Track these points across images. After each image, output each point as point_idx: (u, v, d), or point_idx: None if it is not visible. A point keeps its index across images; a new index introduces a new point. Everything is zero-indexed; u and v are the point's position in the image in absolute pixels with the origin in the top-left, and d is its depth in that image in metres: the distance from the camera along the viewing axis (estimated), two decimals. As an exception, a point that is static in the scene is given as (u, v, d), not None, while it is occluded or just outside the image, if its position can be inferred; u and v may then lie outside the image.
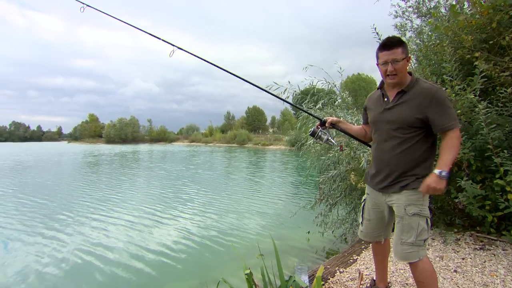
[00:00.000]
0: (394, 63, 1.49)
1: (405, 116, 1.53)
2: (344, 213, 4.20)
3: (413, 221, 1.52)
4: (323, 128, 1.95)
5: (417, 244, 1.51)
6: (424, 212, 1.53)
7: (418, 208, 1.52)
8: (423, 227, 1.52)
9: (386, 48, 1.52)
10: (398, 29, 4.87)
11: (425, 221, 1.52)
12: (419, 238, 1.51)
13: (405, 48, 1.51)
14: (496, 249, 2.61)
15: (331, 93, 4.47)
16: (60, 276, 3.77)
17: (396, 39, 1.53)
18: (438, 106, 1.46)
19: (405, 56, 1.50)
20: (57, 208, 7.13)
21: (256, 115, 65.89)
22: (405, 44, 1.52)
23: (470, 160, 2.61)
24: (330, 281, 2.35)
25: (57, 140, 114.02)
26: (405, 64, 1.51)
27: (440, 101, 1.46)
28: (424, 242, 1.53)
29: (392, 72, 1.51)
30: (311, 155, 4.72)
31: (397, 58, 1.48)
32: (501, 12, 2.75)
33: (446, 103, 1.46)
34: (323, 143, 1.96)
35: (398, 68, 1.50)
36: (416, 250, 1.52)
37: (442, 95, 1.47)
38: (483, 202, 2.65)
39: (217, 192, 9.24)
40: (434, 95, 1.47)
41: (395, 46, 1.49)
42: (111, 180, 11.86)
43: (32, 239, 5.08)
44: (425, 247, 1.55)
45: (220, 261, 4.15)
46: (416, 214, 1.52)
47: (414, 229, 1.52)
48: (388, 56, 1.50)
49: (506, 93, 2.55)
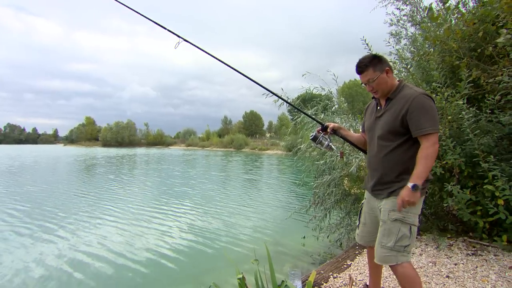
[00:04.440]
0: (370, 83, 1.60)
1: (388, 123, 1.57)
2: (339, 218, 4.22)
3: (393, 226, 1.54)
4: (324, 133, 1.95)
5: (395, 249, 1.53)
6: (408, 220, 1.53)
7: (401, 215, 1.53)
8: (404, 234, 1.52)
9: (358, 72, 1.63)
10: (394, 36, 4.97)
11: (408, 228, 1.52)
12: (398, 243, 1.52)
13: (377, 65, 1.57)
14: (488, 254, 2.64)
15: (328, 99, 4.51)
16: (52, 280, 3.73)
17: (364, 62, 1.59)
18: (415, 111, 1.47)
19: (379, 73, 1.57)
20: (49, 212, 7.05)
21: (253, 120, 66.03)
22: (375, 61, 1.57)
23: (461, 166, 2.65)
24: (323, 286, 2.35)
25: (52, 142, 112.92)
26: (382, 78, 1.57)
27: (417, 106, 1.47)
28: (404, 248, 1.53)
29: (372, 90, 1.62)
30: (307, 160, 4.74)
31: (370, 79, 1.58)
32: (487, 23, 2.83)
33: (424, 108, 1.46)
34: (323, 148, 1.96)
35: (375, 86, 1.59)
36: (395, 254, 1.53)
37: (420, 100, 1.47)
38: (475, 207, 2.68)
39: (213, 196, 9.21)
40: (413, 101, 1.48)
41: (365, 69, 1.59)
42: (106, 184, 11.78)
43: (24, 241, 5.03)
44: (406, 253, 1.54)
45: (215, 266, 4.14)
46: (398, 220, 1.53)
47: (393, 234, 1.54)
48: (363, 79, 1.62)
49: (494, 100, 2.60)
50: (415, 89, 1.55)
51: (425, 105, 1.47)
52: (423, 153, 1.45)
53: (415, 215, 1.55)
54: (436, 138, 1.46)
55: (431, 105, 1.48)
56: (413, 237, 1.54)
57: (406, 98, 1.51)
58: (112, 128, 70.05)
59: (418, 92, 1.50)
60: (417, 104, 1.47)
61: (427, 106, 1.47)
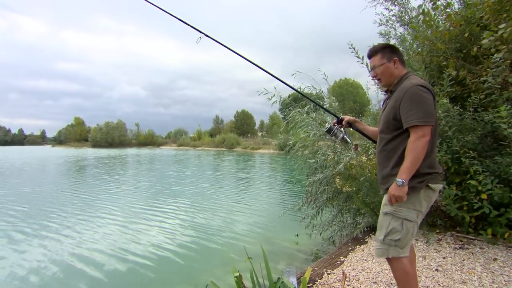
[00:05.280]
0: (375, 68, 1.65)
1: (386, 115, 1.58)
2: (331, 215, 4.29)
3: (384, 220, 1.55)
4: (339, 126, 1.96)
5: (386, 243, 1.52)
6: (399, 214, 1.50)
7: (392, 209, 1.52)
8: (394, 227, 1.50)
9: (368, 57, 1.69)
10: (383, 36, 5.07)
11: (399, 222, 1.50)
12: (388, 237, 1.51)
13: (386, 53, 1.61)
14: (474, 247, 2.74)
15: (319, 98, 4.57)
16: (44, 282, 3.68)
17: (375, 48, 1.65)
18: (406, 102, 1.45)
19: (385, 60, 1.60)
20: (47, 212, 6.93)
21: (245, 119, 65.97)
22: (386, 49, 1.62)
23: (447, 162, 2.74)
24: (318, 282, 2.40)
25: (40, 144, 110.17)
26: (386, 67, 1.60)
27: (409, 98, 1.45)
28: (395, 242, 1.50)
29: (375, 76, 1.66)
30: (299, 159, 4.80)
31: (376, 65, 1.64)
32: (473, 24, 2.93)
33: (415, 100, 1.43)
34: (338, 140, 1.96)
35: (379, 72, 1.63)
36: (386, 248, 1.52)
37: (412, 92, 1.44)
38: (461, 202, 2.78)
39: (207, 195, 9.19)
40: (406, 92, 1.46)
41: (373, 54, 1.65)
42: (101, 184, 11.63)
43: (21, 240, 4.98)
44: (398, 247, 1.51)
45: (209, 265, 4.14)
46: (388, 214, 1.53)
47: (384, 227, 1.54)
48: (371, 63, 1.68)
49: (477, 99, 2.70)
50: (414, 80, 1.51)
51: (416, 96, 1.43)
52: (409, 147, 1.42)
53: (410, 210, 1.50)
54: (425, 131, 1.40)
55: (424, 96, 1.43)
56: (406, 231, 1.49)
57: (403, 90, 1.49)
58: (102, 129, 68.82)
59: (413, 84, 1.47)
60: (409, 95, 1.45)
61: (418, 97, 1.43)
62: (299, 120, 4.30)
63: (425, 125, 1.40)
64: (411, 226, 1.50)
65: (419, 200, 1.50)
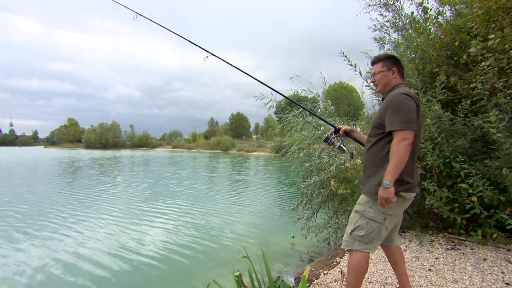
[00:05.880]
0: (374, 75, 1.79)
1: (374, 121, 1.71)
2: (327, 217, 4.36)
3: (353, 216, 1.68)
4: (336, 135, 2.08)
5: (352, 237, 1.64)
6: (367, 214, 1.62)
7: (361, 207, 1.65)
8: (360, 225, 1.62)
9: (371, 64, 1.84)
10: (377, 42, 5.19)
11: (366, 221, 1.61)
12: (354, 232, 1.64)
13: (387, 63, 1.75)
14: (465, 248, 2.84)
15: (315, 102, 4.65)
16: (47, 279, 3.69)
17: (379, 56, 1.81)
18: (390, 109, 1.56)
19: (385, 69, 1.74)
20: (39, 214, 6.88)
21: (240, 122, 65.99)
22: (388, 59, 1.76)
23: (440, 166, 2.83)
24: (315, 282, 2.45)
25: (32, 144, 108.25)
26: (385, 75, 1.74)
27: (393, 104, 1.56)
28: (360, 237, 1.61)
29: (374, 82, 1.80)
30: (295, 162, 4.87)
31: (375, 71, 1.77)
32: (463, 33, 3.05)
33: (399, 107, 1.54)
34: (335, 149, 2.09)
35: (377, 79, 1.77)
36: (351, 241, 1.65)
37: (397, 100, 1.56)
38: (453, 205, 2.87)
39: (203, 197, 9.21)
40: (391, 100, 1.58)
41: (376, 62, 1.80)
42: (99, 185, 11.61)
43: (22, 241, 5.05)
44: (362, 243, 1.62)
45: (208, 265, 4.18)
46: (357, 212, 1.67)
47: (352, 223, 1.67)
48: (372, 70, 1.82)
49: (466, 105, 2.81)
50: (401, 90, 1.62)
51: (400, 103, 1.54)
52: (392, 150, 1.51)
53: (379, 212, 1.60)
54: (406, 135, 1.49)
55: (407, 103, 1.54)
56: (370, 230, 1.60)
57: (390, 98, 1.62)
58: (96, 130, 68.09)
59: (399, 92, 1.59)
60: (394, 102, 1.56)
61: (402, 104, 1.54)
62: (295, 123, 4.37)
63: (407, 129, 1.50)
64: (377, 227, 1.61)
65: (389, 206, 1.58)
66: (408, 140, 1.49)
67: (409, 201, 1.67)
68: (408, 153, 1.50)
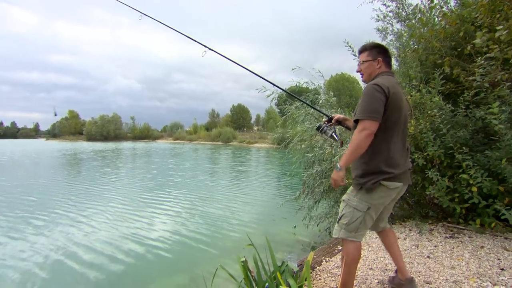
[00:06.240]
0: (360, 64, 1.79)
1: (354, 112, 1.73)
2: (328, 207, 4.43)
3: (341, 205, 1.75)
4: (329, 124, 2.10)
5: (339, 225, 1.70)
6: (351, 203, 1.66)
7: (347, 197, 1.71)
8: (345, 213, 1.67)
9: (358, 53, 1.84)
10: (380, 32, 5.15)
11: (350, 210, 1.66)
12: (341, 220, 1.69)
13: (373, 52, 1.74)
14: (463, 236, 2.91)
15: (317, 93, 4.66)
16: (49, 272, 3.79)
17: (366, 45, 1.79)
18: (360, 99, 1.60)
19: (370, 58, 1.74)
20: (50, 204, 7.10)
21: (241, 113, 65.84)
22: (374, 49, 1.74)
23: (440, 156, 2.87)
24: (317, 269, 2.54)
25: (33, 137, 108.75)
26: (369, 64, 1.73)
27: (363, 94, 1.59)
28: (345, 225, 1.66)
29: (360, 71, 1.81)
30: (297, 152, 4.92)
31: (361, 61, 1.78)
32: (467, 23, 3.03)
33: (366, 97, 1.55)
34: (327, 137, 2.12)
35: (362, 68, 1.78)
36: (338, 229, 1.71)
37: (367, 90, 1.57)
38: (453, 194, 2.93)
39: (207, 188, 9.36)
40: (363, 90, 1.62)
41: (362, 51, 1.79)
42: (105, 176, 11.81)
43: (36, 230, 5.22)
44: (347, 231, 1.65)
45: (211, 255, 4.29)
46: (344, 201, 1.73)
47: (340, 212, 1.74)
48: (359, 58, 1.81)
49: (468, 96, 2.82)
50: (377, 80, 1.62)
51: (368, 93, 1.55)
52: (352, 136, 1.55)
53: (363, 201, 1.63)
54: (367, 125, 1.49)
55: (374, 94, 1.53)
56: (353, 218, 1.64)
57: (365, 87, 1.66)
58: (97, 122, 68.18)
59: (372, 82, 1.60)
60: (364, 92, 1.59)
61: (369, 94, 1.54)
62: (297, 115, 4.40)
63: (367, 119, 1.50)
64: (360, 215, 1.63)
65: (371, 195, 1.62)
66: (368, 131, 1.49)
67: (395, 190, 1.64)
68: (367, 143, 1.51)
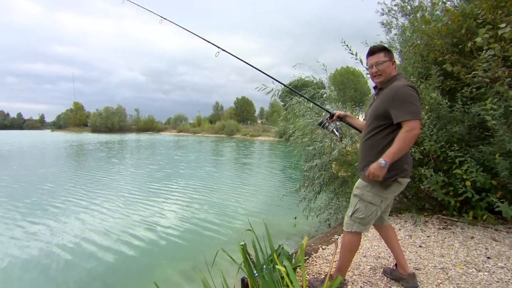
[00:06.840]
0: (378, 65, 1.76)
1: (375, 110, 1.77)
2: (327, 199, 4.56)
3: (353, 200, 1.80)
4: (331, 120, 2.21)
5: (352, 220, 1.77)
6: (366, 198, 1.73)
7: (360, 191, 1.76)
8: (359, 208, 1.74)
9: (371, 54, 1.81)
10: (384, 26, 5.17)
11: (365, 204, 1.73)
12: (354, 215, 1.76)
13: (388, 53, 1.78)
14: (455, 228, 3.02)
15: (319, 87, 4.73)
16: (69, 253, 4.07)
17: (379, 46, 1.82)
18: (397, 101, 1.63)
19: (388, 59, 1.76)
20: (64, 192, 7.46)
21: (245, 106, 65.76)
22: (388, 50, 1.79)
23: (437, 151, 2.96)
24: (313, 256, 2.67)
25: (39, 128, 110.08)
26: (388, 65, 1.75)
27: (399, 97, 1.62)
28: (360, 220, 1.74)
29: (376, 72, 1.77)
30: (298, 146, 5.03)
31: (380, 61, 1.76)
32: (470, 19, 3.06)
33: (406, 99, 1.61)
34: (329, 133, 2.25)
35: (381, 69, 1.75)
36: (351, 223, 1.77)
37: (403, 92, 1.62)
38: (448, 188, 3.02)
39: (212, 179, 9.64)
40: (397, 91, 1.64)
41: (378, 51, 1.78)
42: (110, 167, 12.20)
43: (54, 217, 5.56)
44: (361, 225, 1.75)
45: (213, 243, 4.46)
46: (356, 196, 1.78)
47: (351, 206, 1.79)
48: (372, 60, 1.79)
49: (467, 92, 2.89)
50: (404, 82, 1.69)
51: (408, 95, 1.61)
52: (400, 136, 1.59)
53: (376, 196, 1.72)
54: (414, 124, 1.57)
55: (413, 95, 1.62)
56: (369, 212, 1.73)
57: (394, 89, 1.66)
58: (102, 114, 68.69)
59: (404, 84, 1.65)
60: (401, 94, 1.62)
61: (410, 96, 1.61)
62: (298, 110, 4.49)
63: (414, 120, 1.58)
64: (374, 209, 1.74)
65: (387, 190, 1.72)
66: (416, 130, 1.57)
67: (404, 185, 1.77)
68: (413, 142, 1.61)
